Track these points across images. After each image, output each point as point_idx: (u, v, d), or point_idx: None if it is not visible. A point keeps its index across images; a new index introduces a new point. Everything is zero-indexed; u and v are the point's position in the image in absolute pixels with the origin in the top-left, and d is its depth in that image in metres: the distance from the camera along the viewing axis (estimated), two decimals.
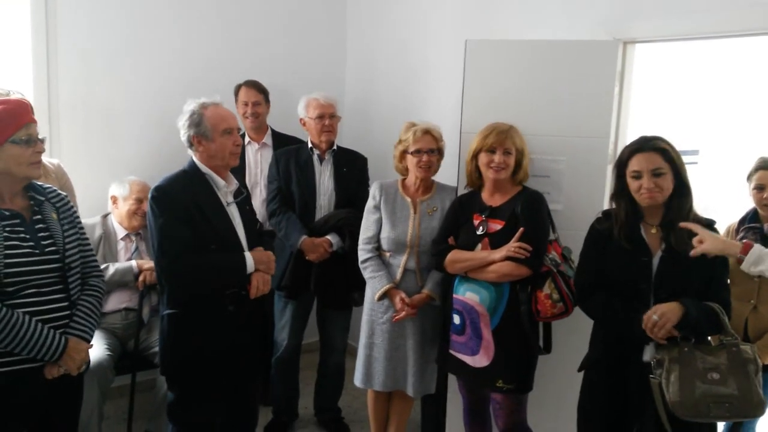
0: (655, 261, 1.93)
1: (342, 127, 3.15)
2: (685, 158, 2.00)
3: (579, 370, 2.11)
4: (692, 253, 1.65)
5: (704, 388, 1.79)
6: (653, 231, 1.96)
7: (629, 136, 2.64)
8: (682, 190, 1.93)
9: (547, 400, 2.46)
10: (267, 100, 3.33)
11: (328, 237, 2.86)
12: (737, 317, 2.38)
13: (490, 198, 2.36)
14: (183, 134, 2.12)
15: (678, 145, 1.98)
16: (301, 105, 3.00)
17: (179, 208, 2.03)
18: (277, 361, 3.08)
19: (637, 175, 1.91)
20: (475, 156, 2.34)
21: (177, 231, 2.02)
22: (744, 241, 1.55)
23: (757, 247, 1.51)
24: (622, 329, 1.94)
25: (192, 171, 2.13)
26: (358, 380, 2.69)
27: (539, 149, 2.50)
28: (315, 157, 2.98)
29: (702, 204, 2.46)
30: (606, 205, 2.46)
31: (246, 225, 2.21)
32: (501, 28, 3.03)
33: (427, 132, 2.53)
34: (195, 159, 2.14)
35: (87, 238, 2.05)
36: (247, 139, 3.32)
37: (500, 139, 2.26)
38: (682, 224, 1.76)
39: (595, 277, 2.03)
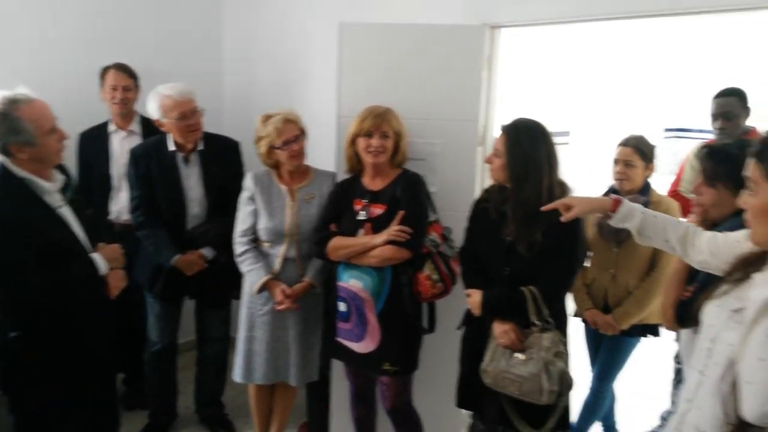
0: (510, 240, 2.04)
1: (222, 114, 2.96)
2: (556, 139, 2.11)
3: (457, 328, 2.23)
4: (563, 219, 1.72)
5: (504, 364, 1.96)
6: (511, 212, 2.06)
7: (498, 119, 2.75)
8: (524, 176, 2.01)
9: (431, 377, 2.52)
10: (137, 85, 3.04)
11: (202, 251, 2.68)
12: (598, 286, 2.59)
13: (370, 182, 2.34)
14: None
15: (550, 126, 2.08)
16: (153, 104, 2.60)
17: (6, 229, 1.79)
18: (151, 359, 2.90)
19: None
20: (353, 140, 2.30)
21: (10, 255, 1.78)
22: (613, 197, 1.64)
23: (627, 203, 1.59)
24: None
25: (5, 181, 1.84)
26: (237, 376, 2.58)
27: (415, 132, 2.52)
28: (179, 159, 2.68)
29: (573, 183, 2.64)
30: (478, 186, 2.57)
31: (84, 223, 2.00)
32: (376, 12, 3.01)
33: (287, 120, 2.43)
34: (9, 165, 1.85)
35: None
36: (112, 126, 3.03)
37: (377, 122, 2.23)
38: (544, 208, 1.83)
39: (469, 249, 2.18)
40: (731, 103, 2.73)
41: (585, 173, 3.98)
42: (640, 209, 1.60)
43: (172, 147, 2.67)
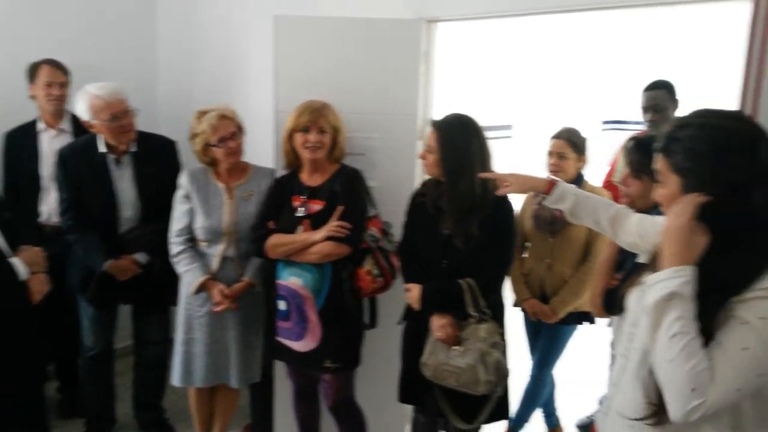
0: (447, 233, 2.06)
1: (157, 111, 2.86)
2: (499, 133, 2.14)
3: (398, 323, 2.23)
4: (498, 192, 1.76)
5: (443, 357, 1.99)
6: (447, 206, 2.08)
7: (436, 113, 2.77)
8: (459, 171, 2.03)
9: (374, 373, 2.52)
10: (69, 82, 2.90)
11: (136, 257, 2.58)
12: (535, 276, 2.65)
13: (309, 178, 2.31)
14: None
15: (492, 120, 2.10)
16: (82, 105, 2.47)
17: None
18: (86, 365, 2.79)
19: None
20: (290, 136, 2.27)
21: None
22: (549, 177, 1.67)
23: (561, 185, 1.62)
24: None
25: None
26: (176, 379, 2.51)
27: (353, 127, 2.50)
28: (110, 161, 2.56)
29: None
30: (418, 180, 2.57)
31: (2, 227, 1.92)
32: (313, 5, 2.96)
33: (223, 116, 2.37)
34: None
35: None
36: (41, 124, 2.88)
37: (313, 118, 2.21)
38: (483, 174, 1.86)
39: (408, 244, 2.19)
40: (660, 96, 2.83)
41: (527, 166, 4.06)
42: (573, 191, 1.64)
43: (102, 149, 2.55)
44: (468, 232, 2.00)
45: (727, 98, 2.12)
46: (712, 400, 1.05)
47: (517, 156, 5.22)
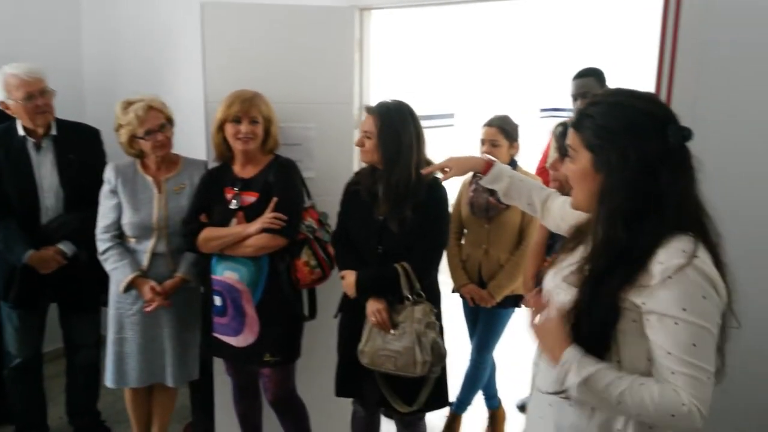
0: (382, 219, 2.06)
1: (84, 101, 2.72)
2: (441, 121, 2.15)
3: (334, 317, 2.22)
4: (443, 178, 1.77)
5: (380, 342, 1.99)
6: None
7: (373, 102, 2.74)
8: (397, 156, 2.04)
9: (316, 365, 2.50)
10: None
11: (60, 246, 2.46)
12: (472, 262, 2.68)
13: (241, 170, 2.26)
14: None
15: (434, 109, 2.11)
16: None
17: None
18: (11, 375, 2.66)
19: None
20: (220, 127, 2.20)
21: None
22: (486, 158, 1.69)
23: (498, 166, 1.65)
24: None
25: None
26: (109, 380, 2.42)
27: (288, 117, 2.46)
28: (30, 146, 2.47)
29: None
30: (356, 169, 2.55)
31: None
32: None
33: (151, 108, 2.29)
34: None
35: None
36: None
37: (245, 107, 2.15)
38: (424, 171, 1.87)
39: (342, 233, 2.18)
40: (589, 83, 2.90)
41: (469, 154, 4.11)
42: (509, 172, 1.67)
43: (21, 132, 2.45)
44: (402, 217, 2.01)
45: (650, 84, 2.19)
46: (700, 401, 1.06)
47: (459, 144, 5.29)
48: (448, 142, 5.79)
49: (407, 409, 2.06)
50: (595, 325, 1.13)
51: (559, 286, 1.24)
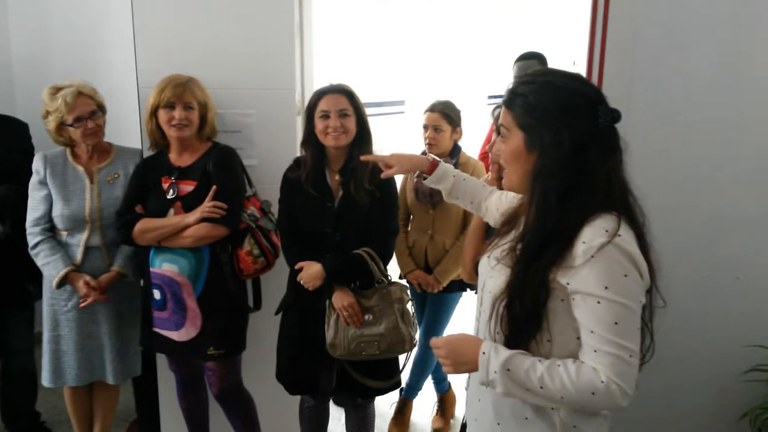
0: (337, 206, 2.03)
1: (13, 88, 2.56)
2: (391, 108, 2.13)
3: (276, 314, 2.18)
4: (383, 175, 1.74)
5: (354, 330, 1.97)
6: (336, 177, 2.05)
7: (316, 87, 2.70)
8: (363, 136, 2.05)
9: (264, 355, 2.46)
10: None
11: None
12: (418, 248, 2.68)
13: (178, 158, 2.18)
14: None
15: (384, 96, 2.10)
16: None
17: None
18: None
19: (325, 115, 2.00)
20: (153, 113, 2.12)
21: None
22: (432, 157, 1.67)
23: (443, 166, 1.63)
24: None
25: None
26: (46, 380, 2.32)
27: (227, 103, 2.39)
28: None
29: (409, 151, 2.68)
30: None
31: None
32: None
33: (80, 93, 2.19)
34: None
35: None
36: None
37: (178, 92, 2.07)
38: (363, 157, 1.85)
39: (288, 224, 2.11)
40: (531, 67, 2.92)
41: (420, 140, 4.13)
42: (453, 172, 1.65)
43: None
44: (362, 203, 2.00)
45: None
46: (622, 378, 1.07)
47: (409, 130, 5.29)
48: (399, 128, 5.80)
49: (385, 384, 2.07)
50: (526, 304, 1.14)
51: (495, 269, 1.24)
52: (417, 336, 2.01)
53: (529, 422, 1.21)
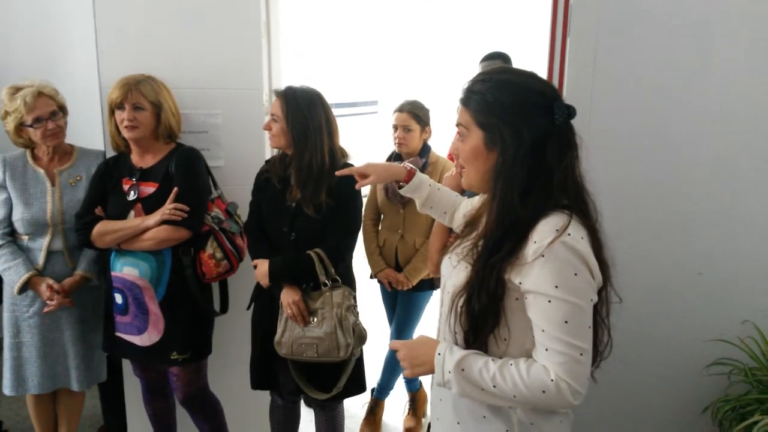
0: (294, 205, 2.03)
1: None
2: (365, 108, 2.11)
3: (247, 308, 2.18)
4: (358, 186, 1.68)
5: (298, 331, 1.97)
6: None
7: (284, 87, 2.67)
8: (299, 141, 2.00)
9: (231, 359, 2.44)
10: None
11: None
12: (389, 247, 2.68)
13: (140, 160, 2.15)
14: None
15: (358, 96, 2.08)
16: None
17: None
18: None
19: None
20: (112, 114, 2.09)
21: None
22: (408, 167, 1.64)
23: (419, 176, 1.61)
24: None
25: None
26: (7, 388, 2.27)
27: (193, 103, 2.36)
28: None
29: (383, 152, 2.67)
30: (268, 156, 2.49)
31: None
32: None
33: (40, 94, 2.14)
34: None
35: None
36: None
37: (124, 92, 2.03)
38: (339, 173, 1.78)
39: (253, 221, 2.14)
40: (496, 66, 2.93)
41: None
42: (428, 182, 1.63)
43: None
44: (317, 201, 1.98)
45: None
46: (571, 376, 1.07)
47: (382, 130, 5.30)
48: (372, 128, 5.80)
49: (324, 396, 2.05)
50: (483, 299, 1.13)
51: (456, 268, 1.24)
52: (352, 343, 1.96)
53: (487, 421, 1.21)
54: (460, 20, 5.65)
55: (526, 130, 1.11)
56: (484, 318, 1.15)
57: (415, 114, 2.59)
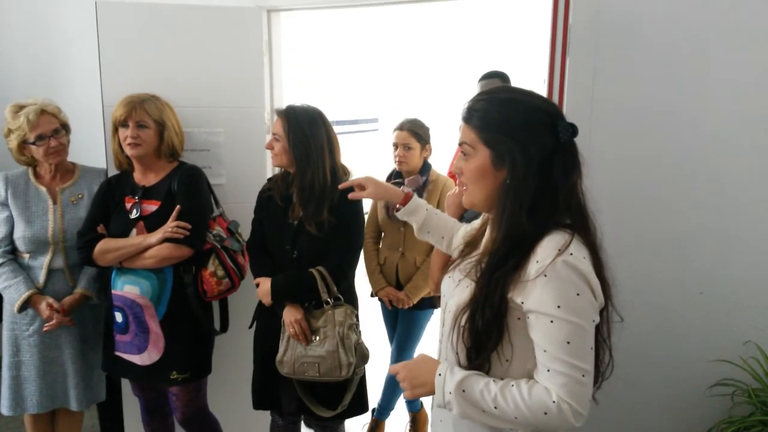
0: (296, 223, 2.03)
1: None
2: (365, 126, 2.12)
3: (249, 327, 2.17)
4: (351, 195, 1.68)
5: (300, 350, 1.97)
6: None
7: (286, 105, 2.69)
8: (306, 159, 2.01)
9: (232, 378, 2.42)
10: None
11: None
12: (390, 265, 2.68)
13: (142, 178, 2.16)
14: None
15: (359, 114, 2.09)
16: None
17: None
18: None
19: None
20: (115, 132, 2.10)
21: None
22: (406, 191, 1.63)
23: (416, 200, 1.60)
24: None
25: None
26: (5, 408, 2.25)
27: (195, 122, 2.38)
28: None
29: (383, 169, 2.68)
30: (269, 174, 2.50)
31: None
32: None
33: (43, 111, 2.16)
34: None
35: None
36: None
37: (128, 110, 2.05)
38: (341, 185, 1.79)
39: (255, 239, 2.15)
40: (494, 85, 2.95)
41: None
42: (425, 206, 1.62)
43: None
44: (319, 219, 1.98)
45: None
46: (573, 398, 1.06)
47: (383, 148, 5.32)
48: (373, 146, 5.83)
49: (330, 413, 2.03)
50: (488, 315, 1.13)
51: (459, 286, 1.24)
52: (354, 362, 1.96)
53: None
54: (460, 39, 5.70)
55: (533, 149, 1.11)
56: (487, 334, 1.14)
57: (415, 132, 2.60)
